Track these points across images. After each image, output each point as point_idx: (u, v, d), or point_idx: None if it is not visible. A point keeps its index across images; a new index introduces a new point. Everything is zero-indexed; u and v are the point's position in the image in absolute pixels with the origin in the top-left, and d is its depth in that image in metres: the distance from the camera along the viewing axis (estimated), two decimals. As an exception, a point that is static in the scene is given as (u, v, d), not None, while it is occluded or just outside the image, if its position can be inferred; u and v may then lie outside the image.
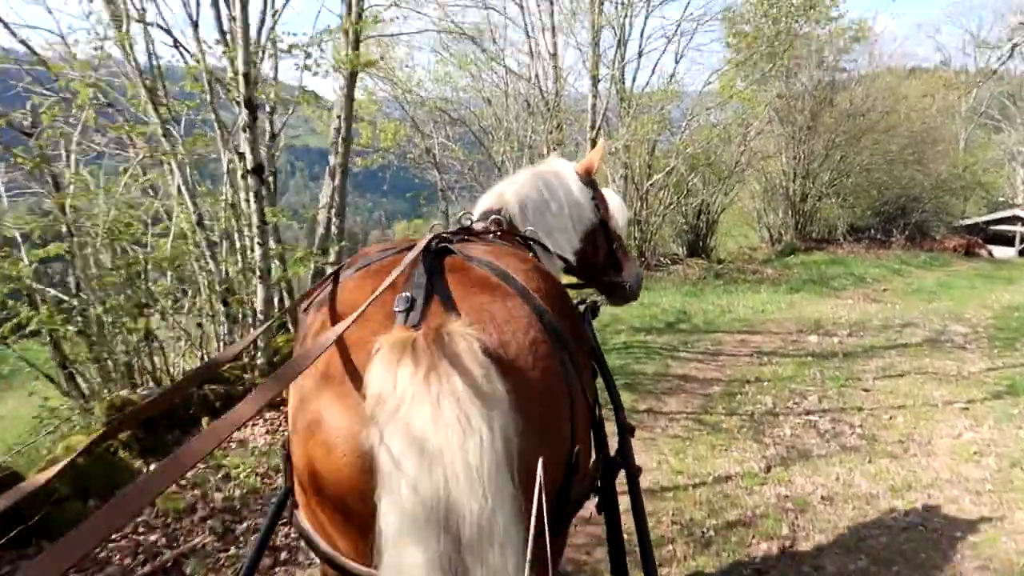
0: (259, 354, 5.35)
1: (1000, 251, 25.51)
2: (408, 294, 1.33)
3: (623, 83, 14.04)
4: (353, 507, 1.22)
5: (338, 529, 1.30)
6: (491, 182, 11.12)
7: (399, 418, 1.11)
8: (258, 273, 5.35)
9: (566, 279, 2.75)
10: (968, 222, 27.20)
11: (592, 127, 13.73)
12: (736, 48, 15.69)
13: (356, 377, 1.21)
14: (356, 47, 6.48)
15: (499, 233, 2.16)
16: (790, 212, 19.47)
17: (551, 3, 12.75)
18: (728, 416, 5.38)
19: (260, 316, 5.33)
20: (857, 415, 5.45)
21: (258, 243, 5.29)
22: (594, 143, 13.44)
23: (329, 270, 2.16)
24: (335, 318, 1.41)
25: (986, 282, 13.76)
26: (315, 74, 5.79)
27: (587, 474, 1.55)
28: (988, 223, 27.63)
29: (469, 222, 2.29)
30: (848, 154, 17.86)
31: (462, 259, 1.51)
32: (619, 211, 2.87)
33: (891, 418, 5.38)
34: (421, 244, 1.52)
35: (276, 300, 5.76)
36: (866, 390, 6.13)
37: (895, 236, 20.88)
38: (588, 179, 2.70)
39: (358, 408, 1.18)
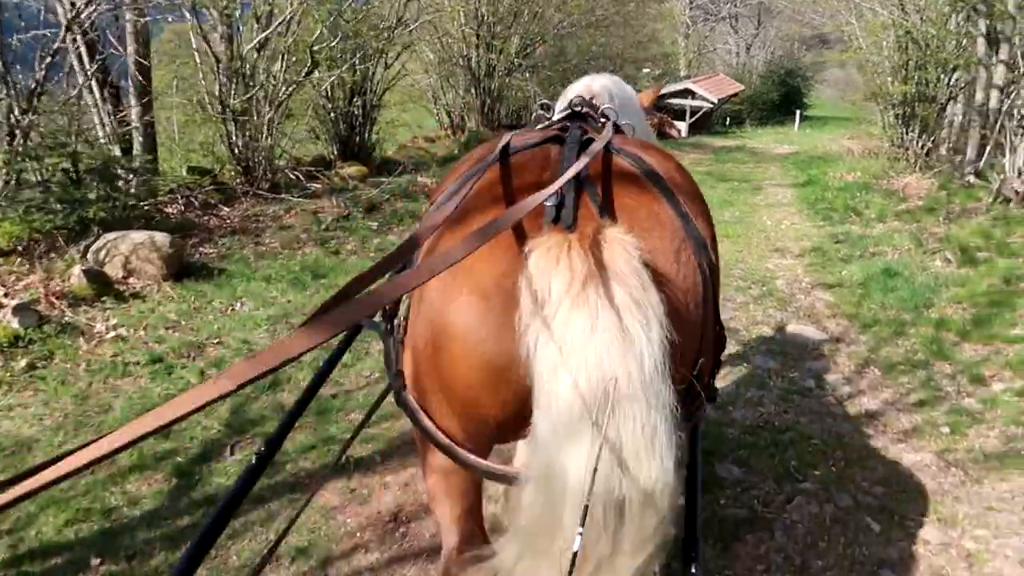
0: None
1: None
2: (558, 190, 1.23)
3: None
4: (487, 412, 1.21)
5: (463, 428, 1.28)
6: None
7: (556, 327, 1.04)
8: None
9: None
10: (641, 96, 26.15)
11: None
12: None
13: (501, 277, 1.15)
14: None
15: (604, 122, 2.01)
16: (473, 90, 14.93)
17: None
18: None
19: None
20: None
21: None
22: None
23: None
24: (477, 210, 1.30)
25: (731, 192, 10.66)
26: None
27: (704, 384, 1.48)
28: (661, 97, 26.97)
29: (582, 108, 2.14)
30: (544, 11, 13.55)
31: (610, 153, 1.43)
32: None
33: None
34: (573, 134, 1.46)
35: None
36: None
37: (588, 117, 18.27)
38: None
39: (503, 314, 1.12)
